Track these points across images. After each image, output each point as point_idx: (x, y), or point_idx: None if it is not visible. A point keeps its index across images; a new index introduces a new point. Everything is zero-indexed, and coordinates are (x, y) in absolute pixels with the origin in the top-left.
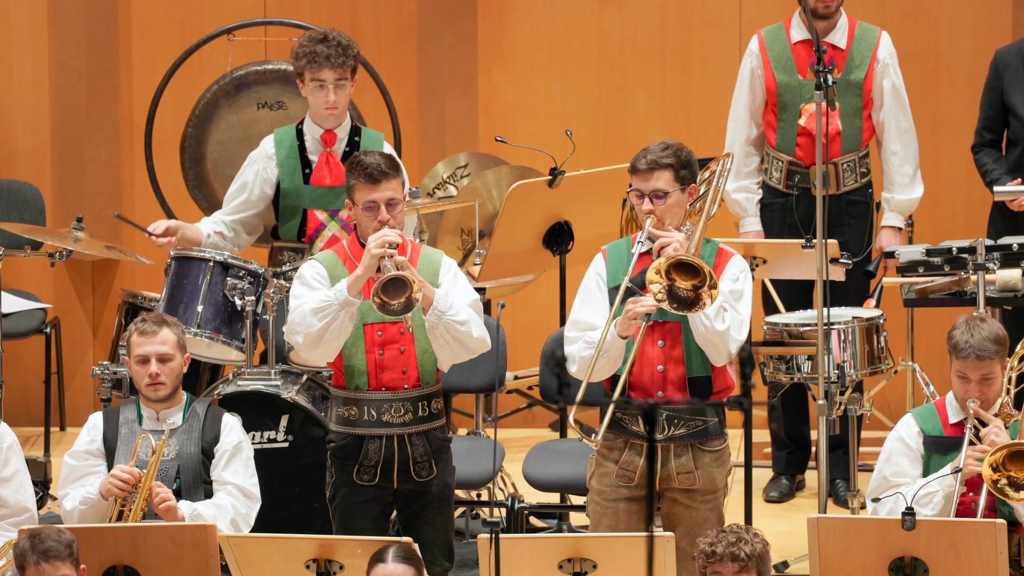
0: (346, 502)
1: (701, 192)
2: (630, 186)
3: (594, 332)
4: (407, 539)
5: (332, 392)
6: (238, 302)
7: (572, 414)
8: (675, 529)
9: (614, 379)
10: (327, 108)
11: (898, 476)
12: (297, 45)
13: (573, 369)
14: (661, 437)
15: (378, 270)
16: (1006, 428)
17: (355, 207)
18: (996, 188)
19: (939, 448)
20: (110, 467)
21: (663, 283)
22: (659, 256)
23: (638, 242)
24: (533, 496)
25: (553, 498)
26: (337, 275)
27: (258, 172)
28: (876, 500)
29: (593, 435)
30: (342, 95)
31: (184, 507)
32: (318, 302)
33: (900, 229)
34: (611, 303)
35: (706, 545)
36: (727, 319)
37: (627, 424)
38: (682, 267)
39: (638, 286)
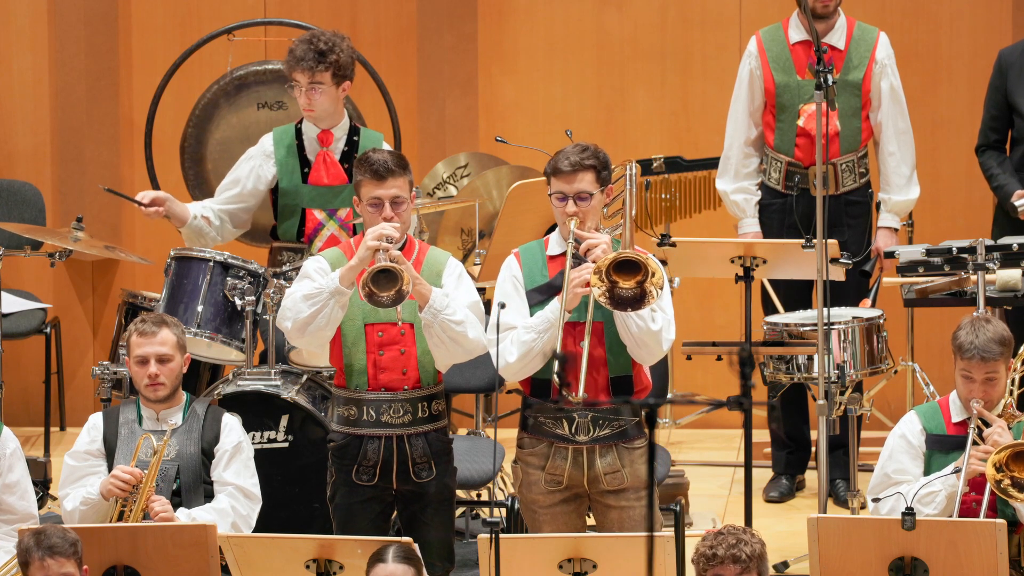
0: (346, 502)
1: (616, 193)
2: (550, 191)
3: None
4: (407, 539)
5: (333, 392)
6: (238, 302)
7: (555, 371)
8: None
9: (532, 380)
10: (304, 110)
11: (900, 473)
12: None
13: (507, 362)
14: (586, 439)
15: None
16: (1009, 429)
17: (361, 204)
18: (1018, 204)
19: (941, 447)
20: (110, 467)
21: (604, 285)
22: (587, 257)
23: (568, 243)
24: None
25: None
26: None
27: (253, 168)
28: (877, 500)
29: (572, 393)
30: (316, 98)
31: (182, 516)
32: (310, 289)
33: (896, 230)
34: (530, 304)
35: (706, 548)
36: (658, 319)
37: (550, 428)
38: (621, 266)
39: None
